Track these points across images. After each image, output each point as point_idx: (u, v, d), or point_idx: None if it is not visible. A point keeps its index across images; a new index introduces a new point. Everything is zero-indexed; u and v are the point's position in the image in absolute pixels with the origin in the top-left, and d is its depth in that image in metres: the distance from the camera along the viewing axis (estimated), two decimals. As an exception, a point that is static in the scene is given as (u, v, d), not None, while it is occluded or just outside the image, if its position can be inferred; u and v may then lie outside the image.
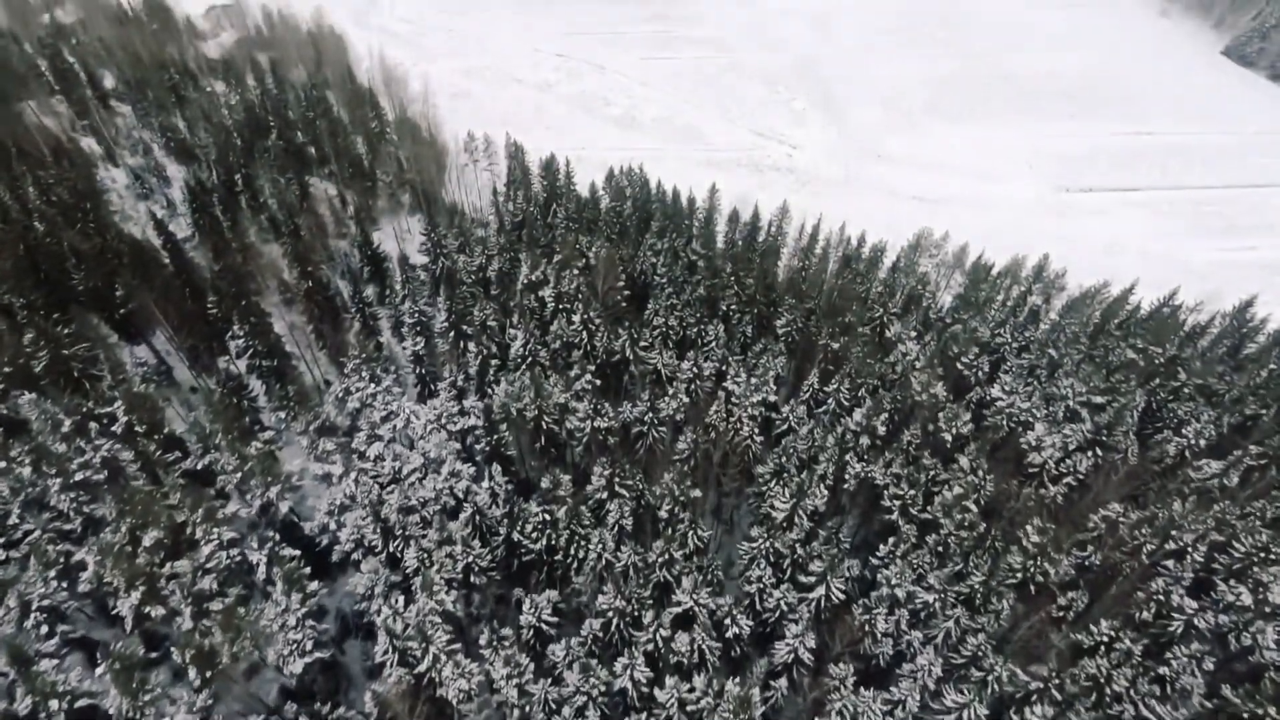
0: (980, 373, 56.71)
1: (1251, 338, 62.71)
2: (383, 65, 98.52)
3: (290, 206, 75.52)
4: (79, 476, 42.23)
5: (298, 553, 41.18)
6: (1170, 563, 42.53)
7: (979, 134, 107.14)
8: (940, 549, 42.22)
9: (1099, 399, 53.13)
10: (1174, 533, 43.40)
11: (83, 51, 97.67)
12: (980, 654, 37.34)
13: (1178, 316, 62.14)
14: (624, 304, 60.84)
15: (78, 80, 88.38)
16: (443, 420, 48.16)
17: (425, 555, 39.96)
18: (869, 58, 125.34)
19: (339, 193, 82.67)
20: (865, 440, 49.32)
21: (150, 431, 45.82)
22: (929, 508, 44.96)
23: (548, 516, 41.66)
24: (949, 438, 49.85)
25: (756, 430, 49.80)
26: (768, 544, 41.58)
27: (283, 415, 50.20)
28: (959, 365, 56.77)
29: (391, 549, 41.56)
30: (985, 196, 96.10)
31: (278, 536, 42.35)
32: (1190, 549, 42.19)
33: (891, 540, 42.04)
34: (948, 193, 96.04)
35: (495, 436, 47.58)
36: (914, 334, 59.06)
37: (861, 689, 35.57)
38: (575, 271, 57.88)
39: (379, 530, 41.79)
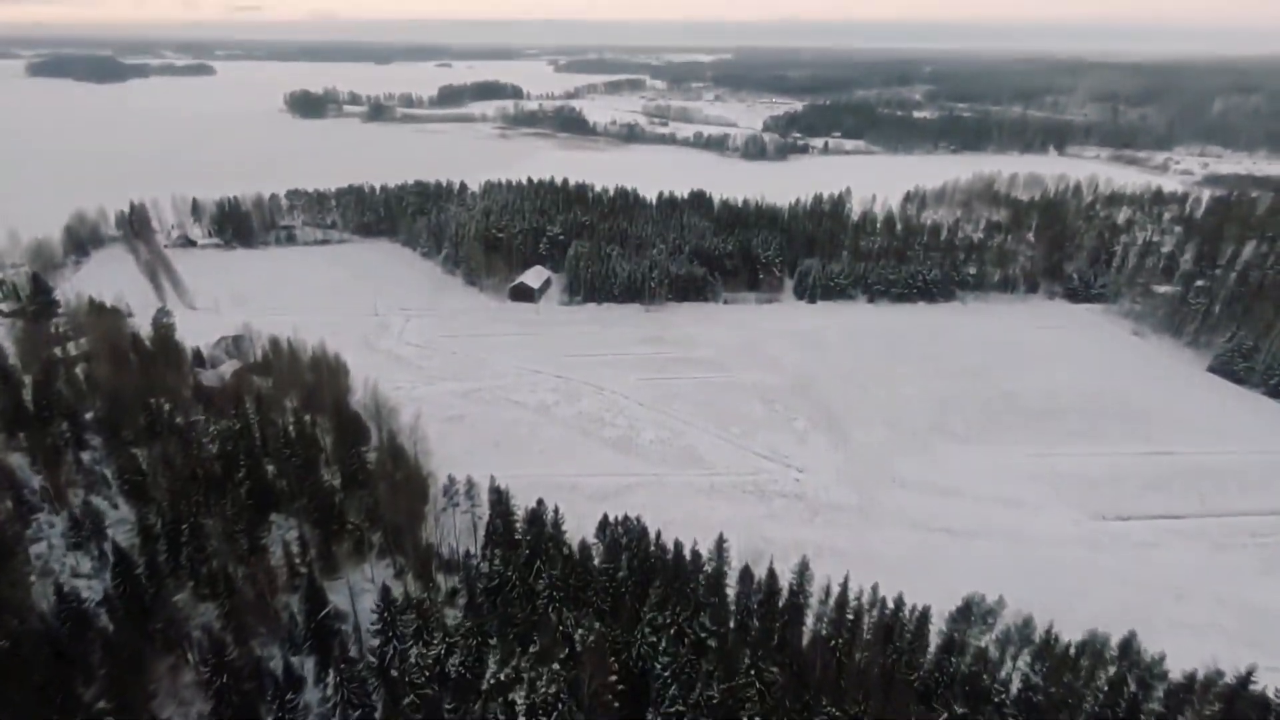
0: (1100, 819, 41.86)
1: None
2: (375, 394, 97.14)
3: (237, 557, 66.38)
4: None
5: None
6: None
7: (994, 456, 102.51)
8: None
9: None
10: None
11: (74, 384, 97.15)
12: None
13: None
14: (615, 703, 47.97)
15: (57, 416, 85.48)
16: None
17: None
18: (865, 377, 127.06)
19: (300, 534, 73.88)
20: None
21: None
22: None
23: None
24: None
25: None
26: None
27: None
28: (1068, 806, 42.16)
29: None
30: (1018, 527, 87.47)
31: None
32: None
33: None
34: (977, 523, 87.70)
35: None
36: (995, 751, 45.23)
37: None
38: (556, 666, 46.16)
39: None
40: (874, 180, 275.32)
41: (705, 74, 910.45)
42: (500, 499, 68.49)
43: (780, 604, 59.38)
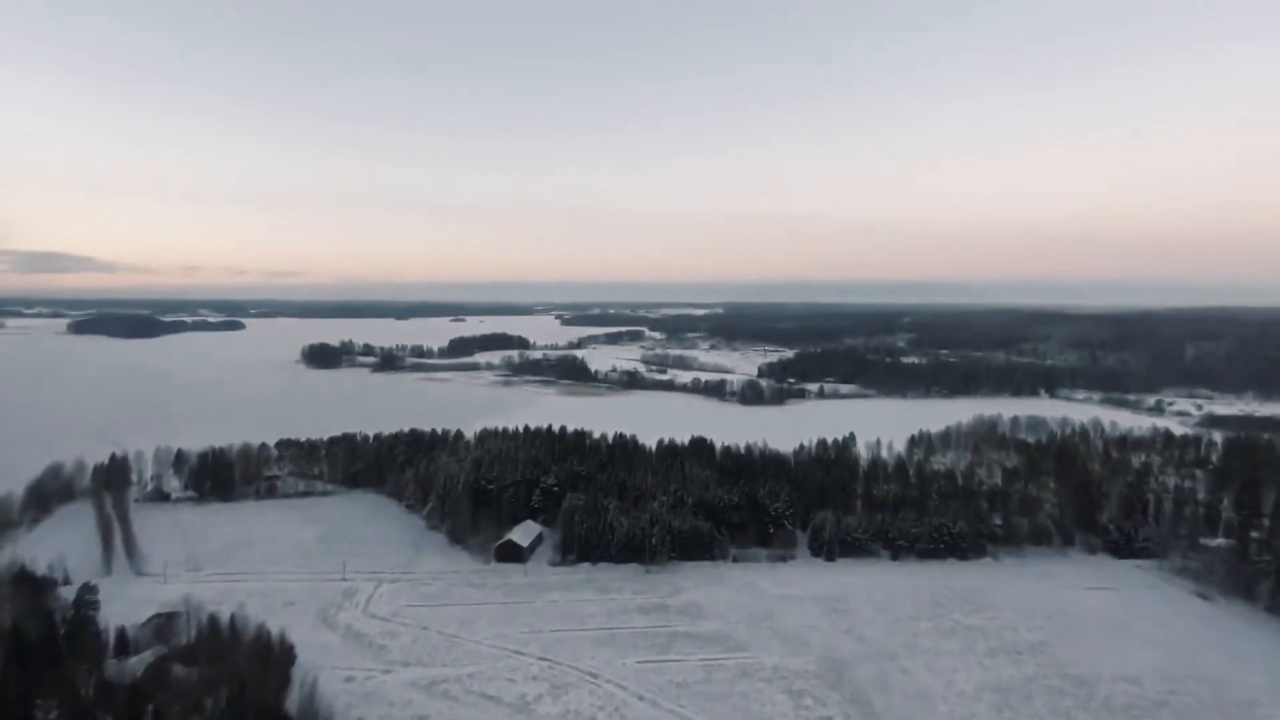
0: None
1: None
2: (314, 696, 79.23)
3: None
4: None
5: None
6: None
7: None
8: None
9: None
10: None
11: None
12: None
13: None
14: None
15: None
16: None
17: None
18: (906, 658, 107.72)
19: None
20: None
21: None
22: None
23: None
24: None
25: None
26: None
27: None
28: None
29: None
30: None
31: None
32: None
33: None
34: None
35: None
36: None
37: None
38: None
39: None
40: (874, 424, 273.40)
41: (700, 326, 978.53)
42: None
43: None
